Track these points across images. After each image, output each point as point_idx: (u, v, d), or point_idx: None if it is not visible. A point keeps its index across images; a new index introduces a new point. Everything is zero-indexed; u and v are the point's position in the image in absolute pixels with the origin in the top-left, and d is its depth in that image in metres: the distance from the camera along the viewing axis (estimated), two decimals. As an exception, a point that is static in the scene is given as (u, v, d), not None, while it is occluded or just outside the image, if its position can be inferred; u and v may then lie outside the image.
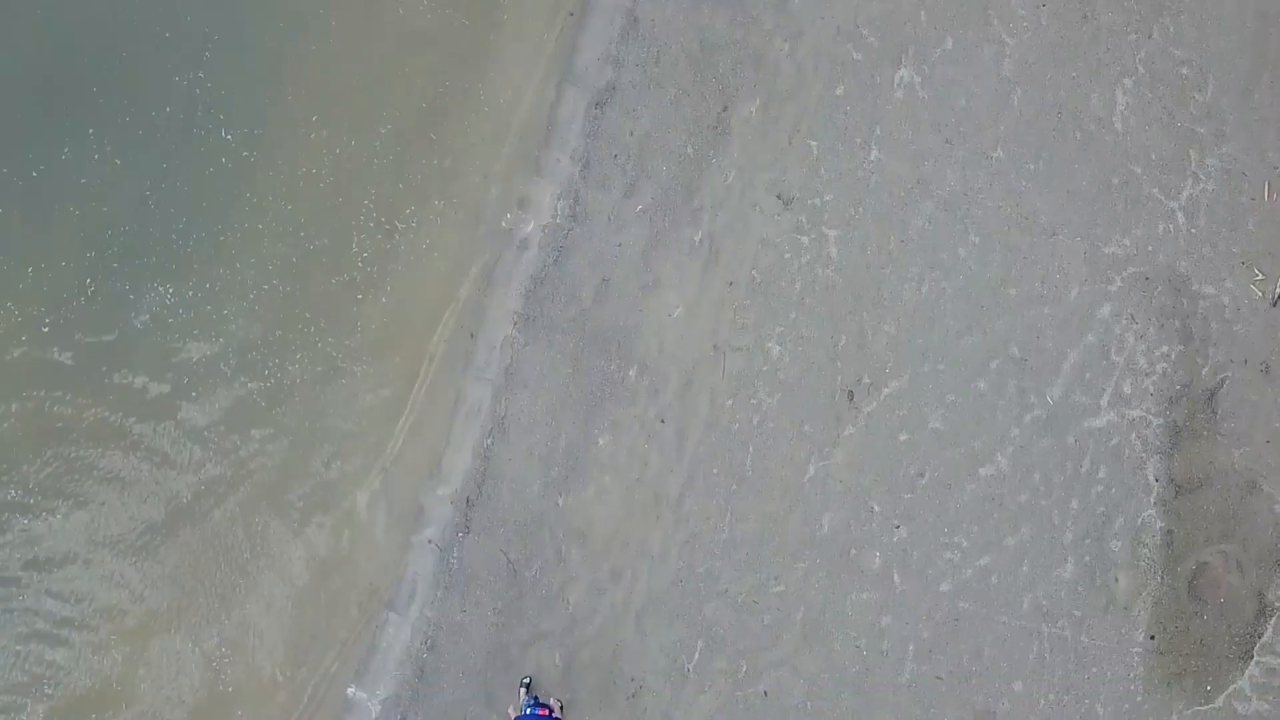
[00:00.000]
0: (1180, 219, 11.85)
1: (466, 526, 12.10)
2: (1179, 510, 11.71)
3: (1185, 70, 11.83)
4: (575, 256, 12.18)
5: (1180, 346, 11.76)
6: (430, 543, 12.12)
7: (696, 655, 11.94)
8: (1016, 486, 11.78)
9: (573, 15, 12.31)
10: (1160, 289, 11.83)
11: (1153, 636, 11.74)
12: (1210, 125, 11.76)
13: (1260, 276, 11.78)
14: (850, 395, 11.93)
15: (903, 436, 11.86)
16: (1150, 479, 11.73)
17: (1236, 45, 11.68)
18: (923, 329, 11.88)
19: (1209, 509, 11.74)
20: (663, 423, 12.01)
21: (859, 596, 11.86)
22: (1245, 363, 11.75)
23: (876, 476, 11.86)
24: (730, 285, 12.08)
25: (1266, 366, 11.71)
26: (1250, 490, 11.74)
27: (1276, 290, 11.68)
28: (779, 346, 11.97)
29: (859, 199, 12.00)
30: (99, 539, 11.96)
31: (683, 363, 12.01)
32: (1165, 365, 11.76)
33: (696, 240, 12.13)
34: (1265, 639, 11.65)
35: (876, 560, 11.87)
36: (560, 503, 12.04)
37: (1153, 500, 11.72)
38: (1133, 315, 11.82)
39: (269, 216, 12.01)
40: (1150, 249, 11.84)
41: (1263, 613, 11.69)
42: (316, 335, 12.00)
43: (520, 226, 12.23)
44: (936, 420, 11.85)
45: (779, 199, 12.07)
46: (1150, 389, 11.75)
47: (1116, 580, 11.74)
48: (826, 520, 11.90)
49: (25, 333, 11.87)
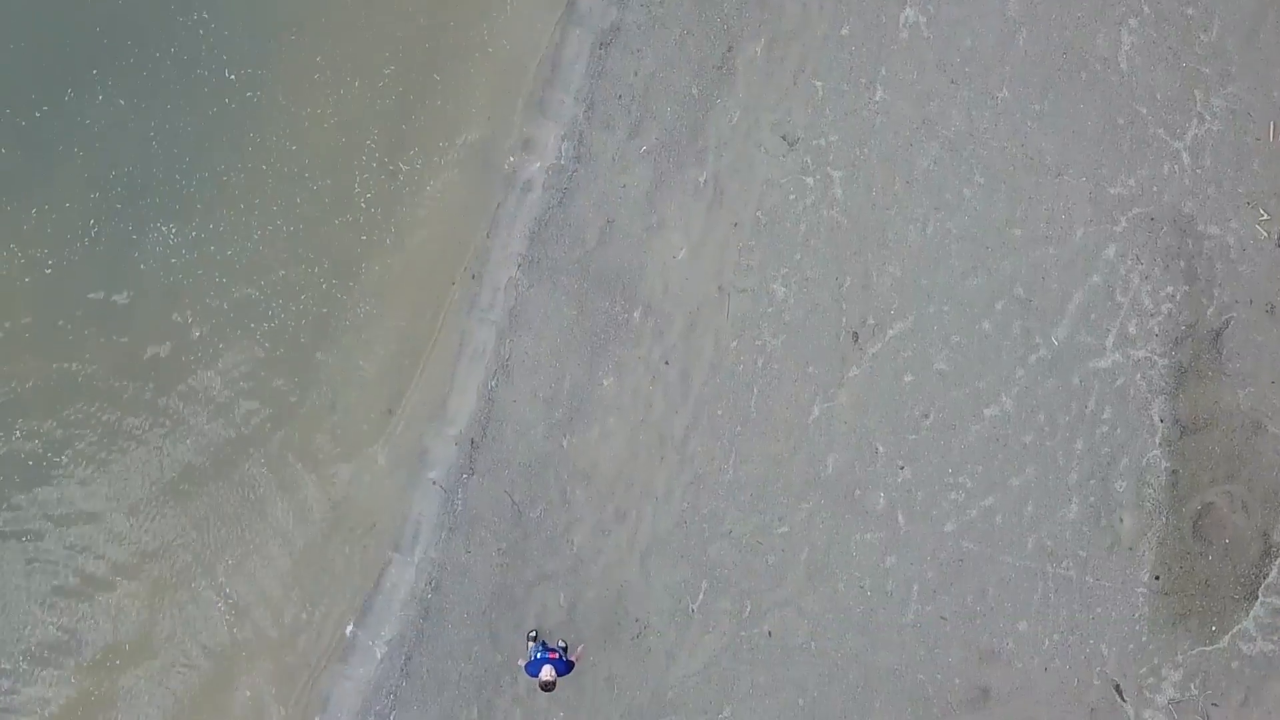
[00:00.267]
0: (1185, 159, 11.88)
1: (471, 468, 12.14)
2: (1184, 451, 11.75)
3: (1191, 10, 11.85)
4: (579, 198, 12.19)
5: (1185, 287, 11.79)
6: (434, 484, 12.15)
7: (701, 596, 11.98)
8: (1021, 427, 11.82)
9: (577, -45, 12.32)
10: (1165, 229, 11.85)
11: (1157, 577, 11.78)
12: (1216, 65, 11.78)
13: (1265, 217, 11.81)
14: (855, 336, 11.96)
15: (907, 377, 11.90)
16: (1155, 419, 11.77)
17: (1242, -16, 11.70)
18: (928, 270, 11.91)
19: (1214, 449, 11.78)
20: (667, 364, 12.04)
21: (863, 537, 11.90)
22: (1250, 303, 11.78)
23: (881, 417, 11.90)
24: (735, 226, 12.10)
25: (1271, 307, 11.74)
26: (1255, 431, 11.77)
27: (1282, 228, 11.72)
28: (784, 288, 12.00)
29: (864, 139, 12.02)
30: (99, 481, 11.96)
31: (687, 304, 12.04)
32: (1170, 306, 11.79)
33: (701, 181, 12.15)
34: (1270, 579, 11.69)
35: (881, 501, 11.91)
36: (565, 444, 12.07)
37: (1158, 441, 11.76)
38: (1138, 256, 11.85)
39: (272, 158, 12.02)
40: (1155, 189, 11.87)
41: (1268, 553, 11.74)
42: (320, 276, 12.02)
43: (524, 168, 12.25)
44: (941, 361, 11.88)
45: (784, 140, 12.09)
46: (1155, 329, 11.78)
47: (1121, 521, 11.78)
48: (831, 461, 11.94)
49: (29, 275, 11.88)
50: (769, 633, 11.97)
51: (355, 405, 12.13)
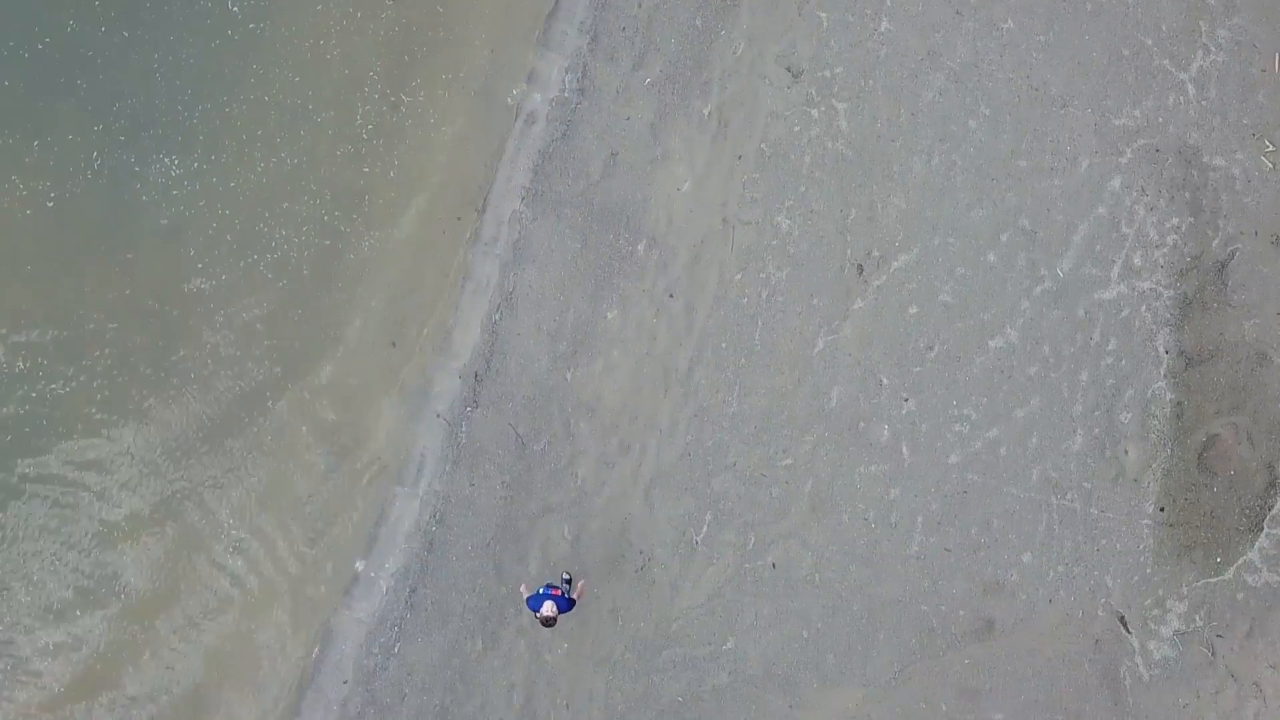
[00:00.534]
0: (1190, 91, 11.88)
1: (475, 401, 12.16)
2: (1189, 382, 11.78)
3: (1197, -60, 11.84)
4: (583, 130, 12.20)
5: (1190, 218, 11.80)
6: (438, 417, 12.17)
7: (705, 528, 12.01)
8: (1026, 359, 11.84)
9: (580, -113, 12.30)
10: (1170, 161, 11.86)
11: (1162, 509, 11.81)
12: (1221, -4, 11.79)
13: (1271, 148, 11.82)
14: (860, 269, 11.97)
15: (912, 309, 11.92)
16: (1160, 351, 11.79)
17: (1249, -89, 11.70)
18: (933, 202, 11.92)
19: (1219, 381, 11.80)
20: (671, 297, 12.06)
21: (867, 469, 11.93)
22: (1256, 234, 11.80)
23: (885, 350, 11.92)
24: (739, 159, 12.11)
25: (1277, 238, 11.76)
26: (1260, 362, 11.80)
27: (1287, 157, 11.73)
28: (788, 220, 12.01)
29: (869, 71, 12.02)
30: (100, 416, 11.98)
31: (691, 237, 12.05)
32: (1175, 237, 11.80)
33: (705, 113, 12.15)
34: (1275, 511, 11.73)
35: (885, 433, 11.93)
36: (568, 377, 12.09)
37: (1163, 372, 11.78)
38: (1143, 187, 11.86)
39: (275, 89, 12.03)
40: (1160, 121, 11.88)
41: (1273, 485, 11.77)
42: (323, 208, 12.04)
43: (527, 100, 12.25)
44: (946, 293, 11.90)
45: (788, 71, 12.09)
46: (1160, 261, 11.80)
47: (1126, 452, 11.81)
48: (835, 393, 11.96)
49: (30, 207, 11.88)
50: (773, 565, 12.00)
51: (359, 338, 12.14)
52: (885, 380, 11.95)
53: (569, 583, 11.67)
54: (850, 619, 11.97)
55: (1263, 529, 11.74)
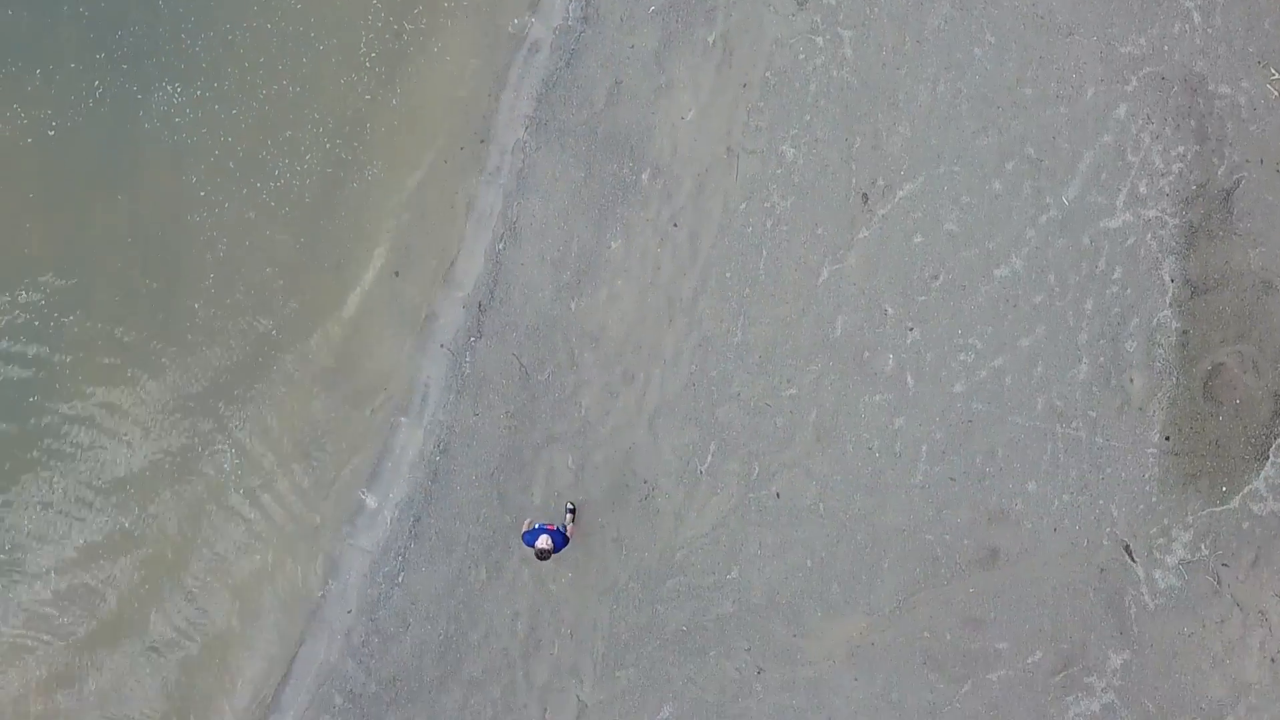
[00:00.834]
0: (1196, 18, 11.84)
1: (478, 331, 12.16)
2: (1194, 311, 11.76)
3: None
4: (587, 59, 12.19)
5: (1196, 146, 11.77)
6: (442, 347, 12.19)
7: (709, 458, 12.03)
8: (1031, 287, 11.84)
9: None
10: (1176, 89, 11.83)
11: (1168, 437, 11.80)
12: (1228, -79, 11.74)
13: (1276, 76, 11.78)
14: (865, 198, 11.96)
15: (917, 238, 11.91)
16: (1166, 279, 11.78)
17: None
18: (938, 130, 11.91)
19: (1224, 309, 11.79)
20: (676, 226, 12.05)
21: (872, 399, 11.94)
22: (1261, 162, 11.77)
23: (890, 279, 11.92)
24: (744, 87, 12.09)
25: (1283, 166, 11.71)
26: (1266, 290, 11.78)
27: (1293, 86, 11.70)
28: (793, 149, 12.00)
29: (874, -2, 12.00)
30: (101, 338, 11.98)
31: (696, 165, 12.05)
32: (1181, 165, 11.78)
33: (710, 41, 12.13)
34: (1280, 440, 11.70)
35: (890, 362, 11.94)
36: (572, 306, 12.10)
37: (1168, 301, 11.76)
38: (1149, 115, 11.83)
39: (278, 16, 12.04)
40: (1166, 48, 11.84)
41: (1278, 413, 11.75)
42: (325, 137, 12.05)
43: (531, 28, 12.24)
44: (951, 222, 11.89)
45: (793, -1, 12.07)
46: (1166, 189, 11.78)
47: (1131, 381, 11.80)
48: (840, 323, 11.96)
49: (32, 135, 11.88)
50: (777, 494, 12.01)
51: (362, 268, 12.15)
52: (890, 309, 11.95)
53: (572, 512, 11.69)
54: (854, 548, 11.99)
55: (1268, 458, 11.74)
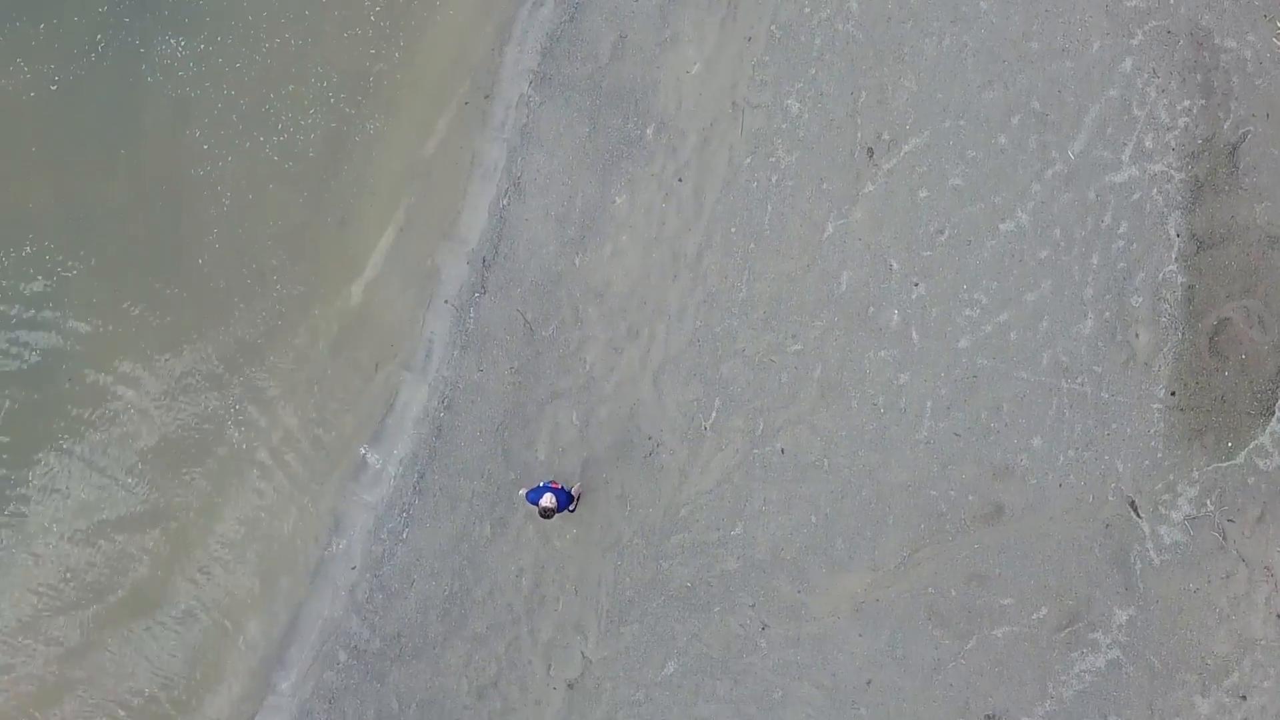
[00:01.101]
0: (1203, -28, 11.81)
1: (483, 286, 12.15)
2: (1200, 265, 11.74)
3: None
4: (592, 12, 12.17)
5: (1202, 101, 11.75)
6: (446, 303, 12.18)
7: (714, 413, 12.02)
8: (1037, 242, 11.82)
9: None
10: (1182, 42, 11.81)
11: (1173, 392, 11.79)
12: (1235, -127, 11.70)
13: (1284, 29, 11.75)
14: (870, 152, 11.94)
15: (922, 193, 11.89)
16: (1171, 234, 11.76)
17: None
18: (943, 84, 11.89)
19: (1230, 264, 11.78)
20: (680, 181, 12.03)
21: (877, 354, 11.93)
22: (1267, 117, 11.75)
23: (896, 233, 11.91)
24: (749, 41, 12.07)
25: (1289, 120, 11.69)
26: (1272, 245, 11.76)
27: (1300, 38, 11.67)
28: (798, 103, 11.98)
29: (879, -48, 11.97)
30: (104, 295, 11.97)
31: (701, 120, 12.04)
32: (1187, 120, 11.76)
33: (715, -5, 12.10)
34: (1286, 395, 11.68)
35: (895, 318, 11.93)
36: (577, 262, 12.08)
37: (1174, 255, 11.75)
38: (1154, 69, 11.81)
39: (281, -31, 11.98)
40: (1172, 2, 11.83)
41: (1284, 369, 11.73)
42: (329, 91, 12.04)
43: (536, -18, 12.20)
44: (957, 176, 11.87)
45: (798, -48, 12.04)
46: (1172, 143, 11.76)
47: (1137, 336, 11.79)
48: (845, 278, 11.95)
49: (34, 89, 11.85)
50: (782, 450, 12.01)
51: (366, 223, 12.14)
52: (895, 264, 11.93)
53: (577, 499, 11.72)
54: (859, 504, 11.99)
55: (1274, 413, 11.72)
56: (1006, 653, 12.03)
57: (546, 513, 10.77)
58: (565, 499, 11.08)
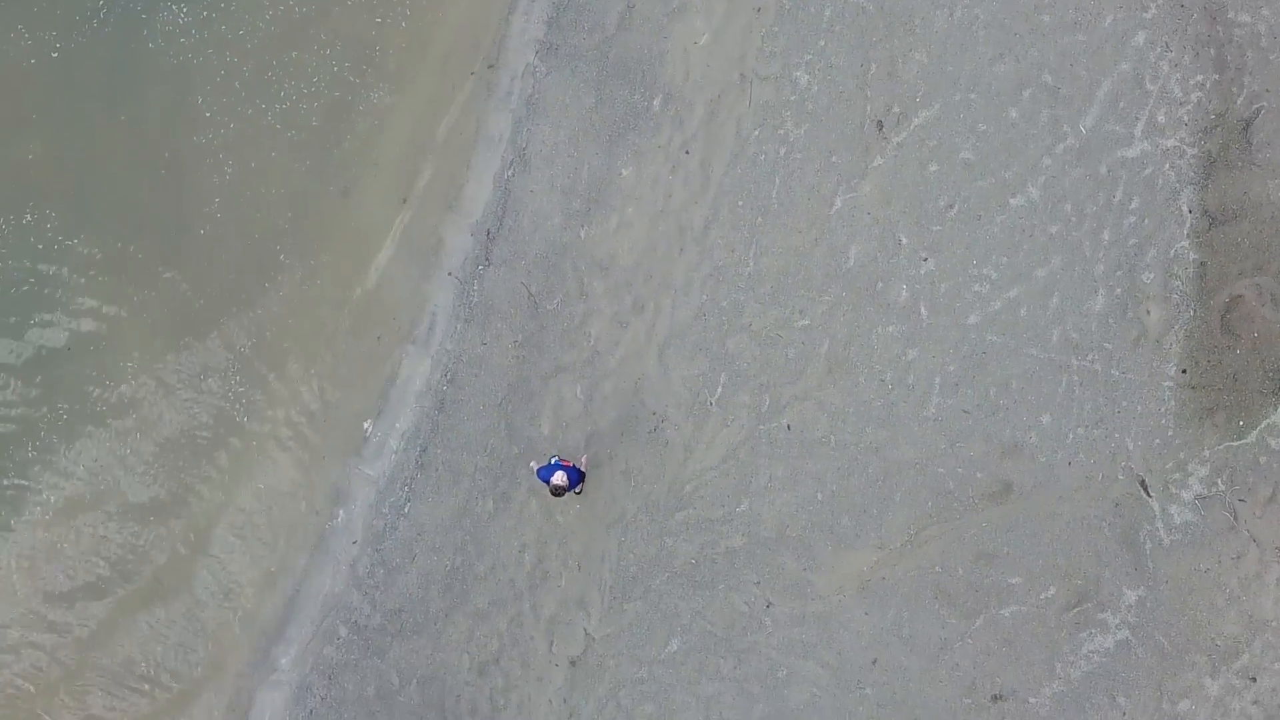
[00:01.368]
0: (1218, -55, 11.70)
1: (487, 258, 12.04)
2: (1212, 242, 11.63)
3: None
4: (599, -18, 12.03)
5: (1215, 75, 11.64)
6: (450, 275, 12.07)
7: (719, 389, 11.91)
8: (1047, 217, 11.72)
9: None
10: (1195, 16, 11.70)
11: (1185, 370, 11.68)
12: None
13: (1299, 4, 11.63)
14: (879, 125, 11.83)
15: (932, 167, 11.78)
16: (1183, 210, 11.65)
17: None
18: (954, 56, 11.78)
19: (1243, 241, 11.67)
20: (687, 153, 11.92)
21: (885, 330, 11.82)
22: (1282, 92, 11.62)
23: (905, 208, 11.80)
24: (758, 11, 11.97)
25: (1304, 96, 11.57)
26: (1285, 221, 11.64)
27: (1316, 11, 11.55)
28: (807, 75, 11.87)
29: (890, -78, 11.86)
30: (104, 265, 11.87)
31: (708, 91, 11.93)
32: (1200, 94, 11.65)
33: (723, -35, 11.99)
34: (1298, 373, 11.58)
35: (903, 293, 11.82)
36: (582, 234, 11.97)
37: (1186, 232, 11.64)
38: (1167, 43, 11.70)
39: (285, -64, 11.87)
40: (1187, -25, 11.70)
41: (1296, 346, 11.62)
42: (334, 59, 11.94)
43: (542, -49, 12.08)
44: (967, 150, 11.76)
45: (808, -78, 11.93)
46: (1184, 118, 11.64)
47: (1148, 313, 11.68)
48: (853, 253, 11.84)
49: (35, 57, 11.74)
50: (788, 426, 11.90)
51: (369, 193, 12.04)
52: (904, 239, 11.82)
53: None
54: (866, 481, 11.88)
55: (1286, 392, 11.61)
56: (1014, 632, 11.92)
57: (558, 490, 10.70)
58: (576, 477, 11.00)
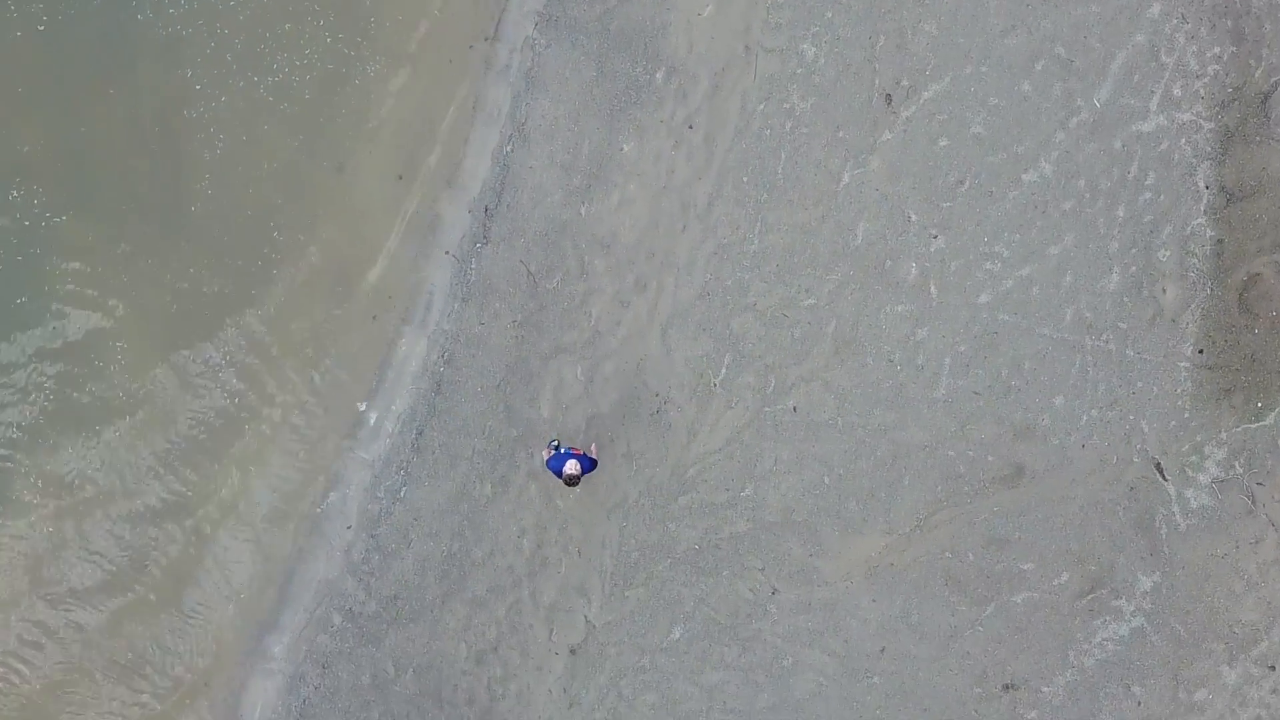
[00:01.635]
0: (1235, -87, 11.43)
1: (485, 236, 11.77)
2: (1230, 219, 11.40)
3: None
4: (600, -48, 11.76)
5: (1232, 48, 11.39)
6: (447, 254, 11.82)
7: (724, 370, 11.66)
8: (1061, 193, 11.46)
9: None
10: (1213, -13, 11.42)
11: (1201, 350, 11.45)
12: None
13: (1319, -26, 11.37)
14: (888, 99, 11.57)
15: (942, 142, 11.53)
16: (1200, 186, 11.40)
17: None
18: (965, 28, 11.51)
19: (1261, 217, 11.43)
20: (691, 128, 11.66)
21: (894, 309, 11.57)
22: (1301, 65, 11.36)
23: (914, 184, 11.55)
24: (763, -18, 11.67)
25: (1323, 68, 11.32)
26: (1305, 198, 11.38)
27: (1336, -22, 11.29)
28: (814, 47, 11.60)
29: (899, -109, 11.58)
30: (95, 241, 11.60)
31: (713, 64, 11.67)
32: (1217, 67, 11.39)
33: (728, -66, 11.71)
34: (1318, 354, 11.33)
35: (913, 271, 11.56)
36: (583, 211, 11.71)
37: (1202, 208, 11.40)
38: (1183, 15, 11.44)
39: (278, -97, 11.57)
40: (1204, -55, 11.42)
41: (1316, 326, 11.37)
42: (326, 30, 11.66)
43: (542, -80, 11.80)
44: (978, 124, 11.51)
45: (815, -109, 11.65)
46: (1201, 92, 11.39)
47: (1164, 291, 11.44)
48: (861, 230, 11.58)
49: (21, 30, 11.47)
50: (794, 408, 11.64)
51: (364, 169, 11.79)
52: (914, 216, 11.56)
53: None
54: (874, 464, 11.63)
55: (1305, 372, 11.36)
56: (1026, 620, 11.71)
57: (572, 480, 10.40)
58: (589, 465, 10.71)
